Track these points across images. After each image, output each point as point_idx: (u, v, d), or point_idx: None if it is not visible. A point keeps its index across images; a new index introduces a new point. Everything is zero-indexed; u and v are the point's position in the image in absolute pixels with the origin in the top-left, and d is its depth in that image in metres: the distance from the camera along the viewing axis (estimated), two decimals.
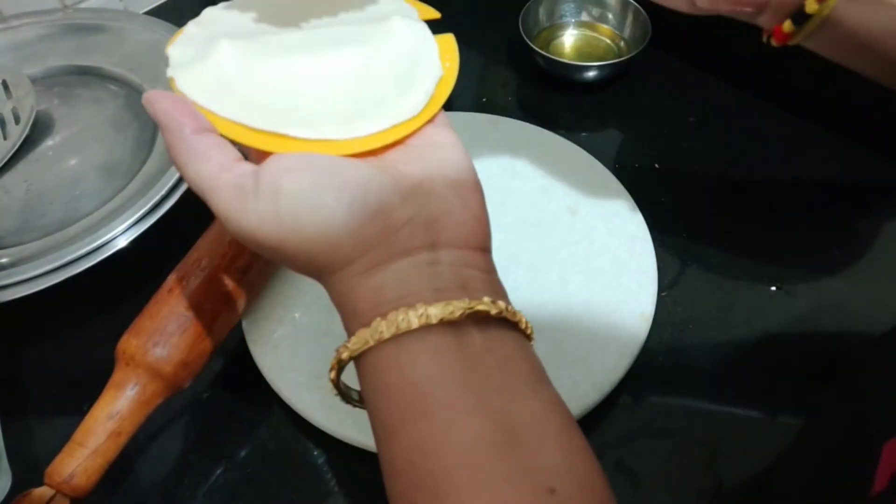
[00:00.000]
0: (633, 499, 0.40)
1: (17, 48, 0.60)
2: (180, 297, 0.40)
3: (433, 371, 0.24)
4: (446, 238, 0.26)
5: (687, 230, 0.52)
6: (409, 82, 0.30)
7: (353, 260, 0.25)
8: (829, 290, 0.49)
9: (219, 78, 0.29)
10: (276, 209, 0.25)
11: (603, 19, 0.66)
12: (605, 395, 0.42)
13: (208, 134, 0.27)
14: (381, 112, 0.29)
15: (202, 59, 0.29)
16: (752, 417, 0.43)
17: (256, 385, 0.44)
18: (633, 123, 0.61)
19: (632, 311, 0.46)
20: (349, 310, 0.26)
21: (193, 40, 0.31)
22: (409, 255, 0.25)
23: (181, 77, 0.29)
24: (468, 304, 0.24)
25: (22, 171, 0.53)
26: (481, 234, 0.27)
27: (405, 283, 0.25)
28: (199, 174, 0.26)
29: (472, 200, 0.27)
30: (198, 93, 0.28)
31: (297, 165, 0.26)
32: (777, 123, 0.58)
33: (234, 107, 0.28)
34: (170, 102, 0.27)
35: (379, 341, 0.24)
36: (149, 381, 0.37)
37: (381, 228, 0.25)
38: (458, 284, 0.25)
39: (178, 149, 0.26)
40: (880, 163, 0.56)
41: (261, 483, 0.42)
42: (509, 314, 0.25)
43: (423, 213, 0.26)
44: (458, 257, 0.26)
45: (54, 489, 0.35)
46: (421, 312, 0.23)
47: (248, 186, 0.25)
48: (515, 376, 0.25)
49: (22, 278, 0.44)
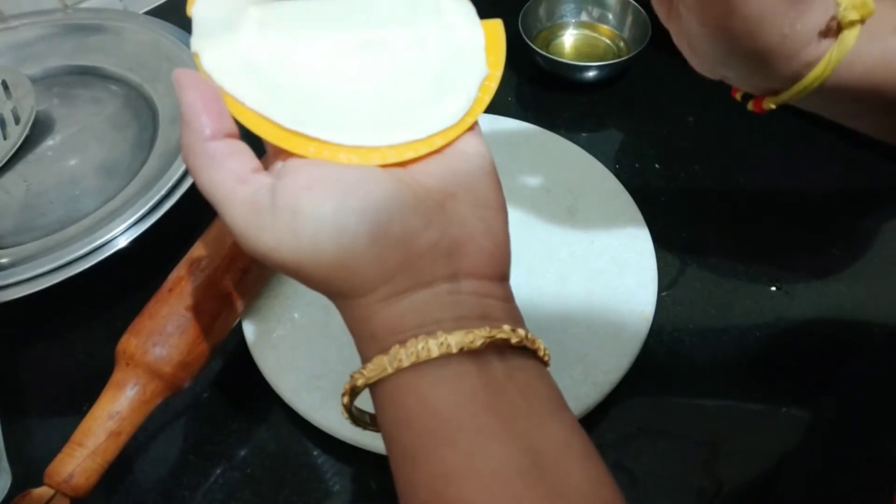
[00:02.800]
0: (633, 499, 0.40)
1: (17, 48, 0.60)
2: (180, 297, 0.40)
3: (455, 397, 0.23)
4: (467, 267, 0.25)
5: (687, 230, 0.52)
6: (451, 83, 0.28)
7: (374, 288, 0.24)
8: (829, 290, 0.49)
9: (247, 62, 0.26)
10: (294, 231, 0.24)
11: (603, 19, 0.66)
12: (605, 395, 0.42)
13: (228, 139, 0.25)
14: (418, 117, 0.27)
15: (230, 32, 0.27)
16: (751, 417, 0.43)
17: (256, 385, 0.44)
18: (633, 123, 0.61)
19: (632, 311, 0.46)
20: (366, 334, 0.25)
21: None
22: (430, 286, 0.24)
23: (207, 54, 0.26)
24: (488, 332, 0.24)
25: (22, 171, 0.53)
26: (502, 262, 0.26)
27: (425, 311, 0.24)
28: (212, 183, 0.25)
29: (494, 224, 0.26)
30: (224, 75, 0.26)
31: (317, 182, 0.24)
32: (777, 124, 0.58)
33: (262, 98, 0.26)
34: (198, 94, 0.25)
35: (398, 369, 0.23)
36: (148, 381, 0.37)
37: (404, 256, 0.24)
38: (478, 313, 0.25)
39: (194, 151, 0.25)
40: (880, 163, 0.56)
41: (260, 483, 0.42)
42: (529, 342, 0.25)
43: (445, 239, 0.25)
44: (479, 287, 0.25)
45: (54, 489, 0.35)
46: (441, 341, 0.23)
47: (265, 203, 0.24)
48: (536, 402, 0.24)
49: (22, 278, 0.44)
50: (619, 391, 0.43)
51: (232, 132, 0.26)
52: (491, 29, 0.29)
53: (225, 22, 0.27)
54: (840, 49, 0.30)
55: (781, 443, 0.42)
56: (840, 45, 0.30)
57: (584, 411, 0.42)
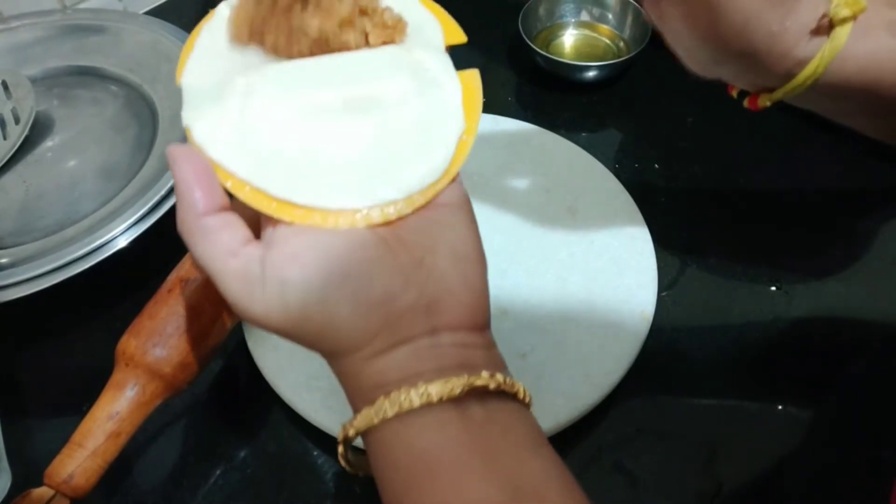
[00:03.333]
0: (633, 499, 0.40)
1: (16, 49, 0.60)
2: (180, 298, 0.39)
3: (438, 442, 0.25)
4: (446, 321, 0.26)
5: (687, 230, 0.52)
6: (431, 140, 0.28)
7: (358, 348, 0.26)
8: (829, 290, 0.49)
9: (235, 133, 0.28)
10: (283, 301, 0.25)
11: (603, 19, 0.66)
12: (604, 395, 0.42)
13: (221, 213, 0.27)
14: (400, 176, 0.27)
15: (218, 102, 0.28)
16: (751, 418, 0.43)
17: (256, 385, 0.44)
18: (633, 123, 0.61)
19: (632, 311, 0.46)
20: (353, 388, 0.27)
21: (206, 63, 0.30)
22: (411, 342, 0.26)
23: (197, 127, 0.28)
24: (467, 380, 0.25)
25: (21, 172, 0.53)
26: (480, 312, 0.27)
27: (407, 366, 0.25)
28: (205, 256, 0.26)
29: (472, 276, 0.27)
30: (214, 147, 0.27)
31: (302, 253, 0.26)
32: (777, 124, 0.58)
33: (251, 168, 0.27)
34: (190, 169, 0.26)
35: (383, 419, 0.25)
36: (148, 381, 0.37)
37: (384, 317, 0.25)
38: (458, 363, 0.26)
39: (188, 225, 0.26)
40: (880, 163, 0.56)
41: (260, 484, 0.42)
42: (507, 386, 0.26)
43: (423, 297, 0.26)
44: (458, 338, 0.26)
45: (54, 489, 0.35)
46: (422, 391, 0.24)
47: (255, 275, 0.25)
48: (517, 441, 0.26)
49: (22, 278, 0.44)
50: (619, 391, 0.43)
51: (224, 205, 0.27)
52: (467, 80, 0.30)
53: (213, 92, 0.29)
54: (832, 46, 0.30)
55: (781, 443, 0.42)
56: (832, 42, 0.30)
57: (584, 411, 0.42)
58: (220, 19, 0.31)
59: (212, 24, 0.31)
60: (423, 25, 0.31)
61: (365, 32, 0.30)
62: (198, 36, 0.31)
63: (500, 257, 0.49)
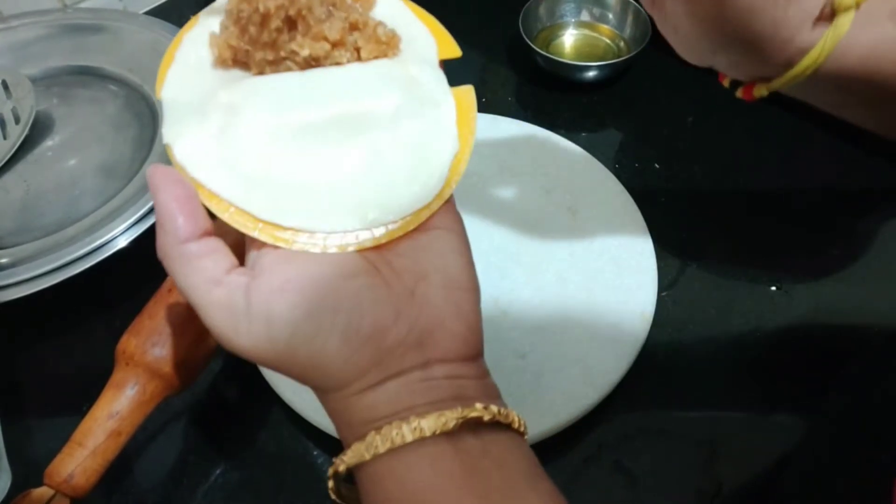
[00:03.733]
0: (633, 499, 0.40)
1: (16, 48, 0.60)
2: (180, 298, 0.40)
3: (431, 478, 0.24)
4: (438, 354, 0.25)
5: (687, 230, 0.52)
6: (423, 162, 0.27)
7: (347, 383, 0.25)
8: (829, 290, 0.49)
9: (219, 152, 0.26)
10: (269, 335, 0.24)
11: (603, 19, 0.66)
12: (604, 396, 0.42)
13: (203, 239, 0.25)
14: (392, 199, 0.26)
15: (200, 119, 0.27)
16: (751, 418, 0.43)
17: (256, 385, 0.44)
18: (633, 123, 0.61)
19: (632, 311, 0.46)
20: (343, 423, 0.26)
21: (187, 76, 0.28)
22: (402, 376, 0.25)
23: (179, 145, 0.26)
24: (461, 412, 0.24)
25: (21, 172, 0.53)
26: (473, 343, 0.26)
27: (398, 400, 0.25)
28: (187, 284, 0.25)
29: (465, 306, 0.26)
30: (197, 167, 0.26)
31: (289, 284, 0.24)
32: (777, 124, 0.58)
33: (236, 189, 0.26)
34: (171, 195, 0.25)
35: (375, 455, 0.24)
36: (148, 381, 0.37)
37: (374, 352, 0.24)
38: (451, 395, 0.25)
39: (169, 253, 0.25)
40: (880, 164, 0.56)
41: (260, 483, 0.42)
42: (502, 417, 0.25)
43: (415, 330, 0.25)
44: (451, 370, 0.25)
45: (54, 489, 0.35)
46: (414, 426, 0.23)
47: (240, 306, 0.24)
48: (513, 474, 0.25)
49: (22, 278, 0.44)
50: (619, 391, 0.43)
51: (207, 230, 0.26)
52: (462, 97, 0.29)
53: (195, 107, 0.27)
54: (834, 34, 0.29)
55: (781, 443, 0.42)
56: (834, 30, 0.29)
57: (584, 411, 0.42)
58: (202, 28, 0.29)
59: (193, 34, 0.29)
60: (416, 38, 0.30)
61: (356, 47, 0.28)
62: (179, 46, 0.29)
63: (500, 257, 0.49)
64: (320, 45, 0.27)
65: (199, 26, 0.29)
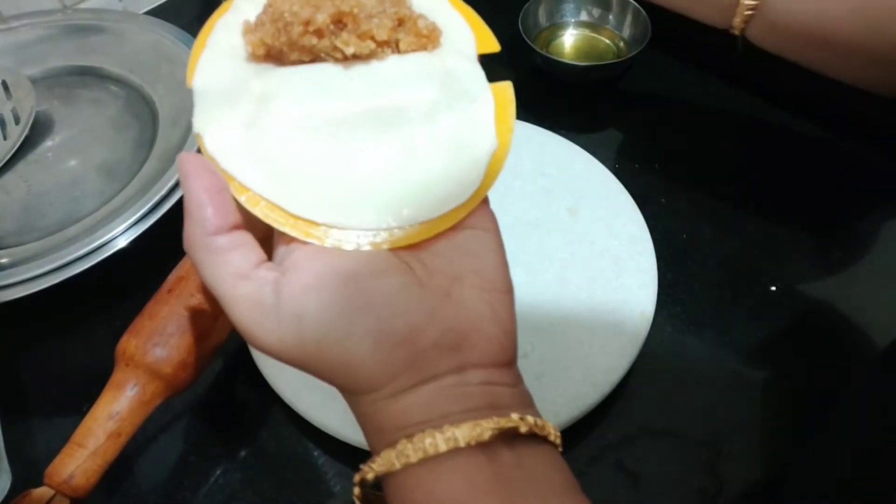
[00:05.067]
0: (634, 499, 0.40)
1: (17, 49, 0.60)
2: (180, 298, 0.39)
3: (464, 491, 0.23)
4: (473, 358, 0.24)
5: (687, 230, 0.52)
6: (460, 159, 0.26)
7: (378, 386, 0.24)
8: (829, 290, 0.49)
9: (250, 143, 0.25)
10: (299, 334, 0.23)
11: (603, 19, 0.66)
12: (605, 396, 0.42)
13: (232, 232, 0.25)
14: (428, 196, 0.25)
15: (231, 109, 0.26)
16: (752, 417, 0.43)
17: (256, 385, 0.44)
18: (633, 123, 0.61)
19: (632, 311, 0.46)
20: (372, 428, 0.25)
21: (219, 63, 0.27)
22: (436, 380, 0.24)
23: (209, 135, 0.26)
24: (496, 423, 0.23)
25: (22, 172, 0.53)
26: (509, 347, 0.26)
27: (432, 405, 0.24)
28: (214, 277, 0.24)
29: (501, 309, 0.25)
30: (227, 158, 0.25)
31: (321, 282, 0.24)
32: (777, 124, 0.58)
33: (267, 182, 0.25)
34: (202, 185, 0.24)
35: (406, 464, 0.23)
36: (148, 381, 0.37)
37: (408, 354, 0.24)
38: (486, 403, 0.24)
39: (196, 244, 0.24)
40: (880, 163, 0.56)
41: (261, 483, 0.42)
42: (538, 428, 0.24)
43: (450, 332, 0.24)
44: (486, 376, 0.25)
45: (54, 489, 0.35)
46: (448, 435, 0.23)
47: (268, 302, 0.24)
48: (547, 489, 0.24)
49: (22, 278, 0.44)
50: (620, 391, 0.43)
51: (236, 224, 0.25)
52: (500, 93, 0.28)
53: (227, 96, 0.26)
54: None
55: (782, 442, 0.42)
56: None
57: (584, 411, 0.42)
58: (235, 15, 0.28)
59: (227, 19, 0.28)
60: (454, 31, 0.29)
61: (396, 39, 0.28)
62: (211, 32, 0.28)
63: None
64: (366, 43, 0.27)
65: (233, 12, 0.28)
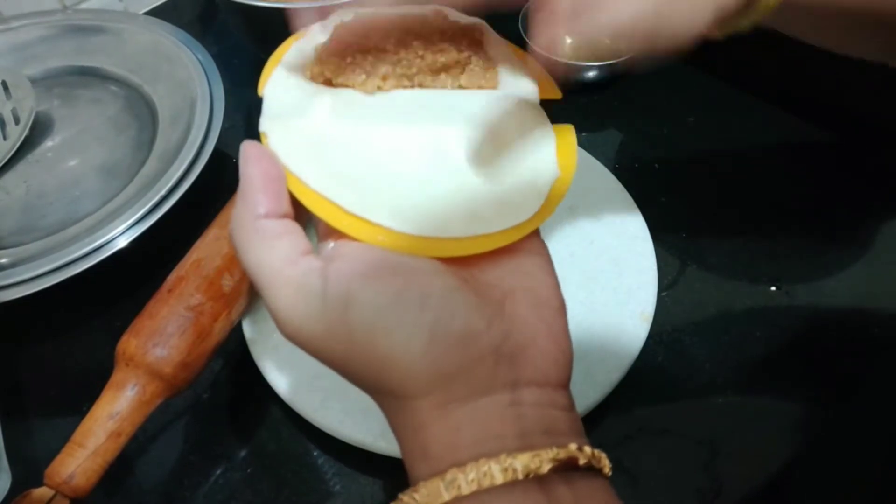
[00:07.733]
0: (633, 499, 0.40)
1: (17, 49, 0.60)
2: (180, 298, 0.40)
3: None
4: (529, 374, 0.23)
5: (687, 230, 0.52)
6: (521, 183, 0.27)
7: (428, 392, 0.22)
8: (829, 290, 0.49)
9: (314, 145, 0.26)
10: (347, 321, 0.22)
11: None
12: (605, 395, 0.42)
13: (283, 219, 0.24)
14: (485, 213, 0.25)
15: (300, 116, 0.27)
16: (751, 417, 0.43)
17: (256, 385, 0.44)
18: (633, 123, 0.61)
19: (632, 311, 0.46)
20: (417, 447, 0.22)
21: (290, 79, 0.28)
22: (490, 394, 0.22)
23: (274, 134, 0.26)
24: (556, 453, 0.21)
25: (22, 172, 0.53)
26: (564, 366, 0.24)
27: (486, 425, 0.22)
28: (260, 262, 0.23)
29: (556, 326, 0.25)
30: (289, 156, 0.26)
31: (373, 270, 0.22)
32: (777, 123, 0.58)
33: (326, 181, 0.25)
34: (259, 170, 0.24)
35: (456, 497, 0.21)
36: (148, 381, 0.37)
37: (463, 358, 0.22)
38: (543, 428, 0.22)
39: (245, 227, 0.24)
40: (880, 164, 0.56)
41: (261, 483, 0.42)
42: (595, 461, 0.22)
43: (508, 342, 0.23)
44: (541, 396, 0.23)
45: (54, 490, 0.35)
46: (506, 465, 0.20)
47: (315, 288, 0.22)
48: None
49: (22, 278, 0.44)
50: (619, 391, 0.43)
51: (287, 213, 0.24)
52: (562, 133, 0.30)
53: (296, 106, 0.27)
54: None
55: (782, 443, 0.42)
56: None
57: (584, 411, 0.42)
58: (311, 40, 0.29)
59: (302, 44, 0.30)
60: (519, 76, 0.30)
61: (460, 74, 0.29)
62: (286, 51, 0.30)
63: None
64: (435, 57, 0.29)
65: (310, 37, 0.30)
